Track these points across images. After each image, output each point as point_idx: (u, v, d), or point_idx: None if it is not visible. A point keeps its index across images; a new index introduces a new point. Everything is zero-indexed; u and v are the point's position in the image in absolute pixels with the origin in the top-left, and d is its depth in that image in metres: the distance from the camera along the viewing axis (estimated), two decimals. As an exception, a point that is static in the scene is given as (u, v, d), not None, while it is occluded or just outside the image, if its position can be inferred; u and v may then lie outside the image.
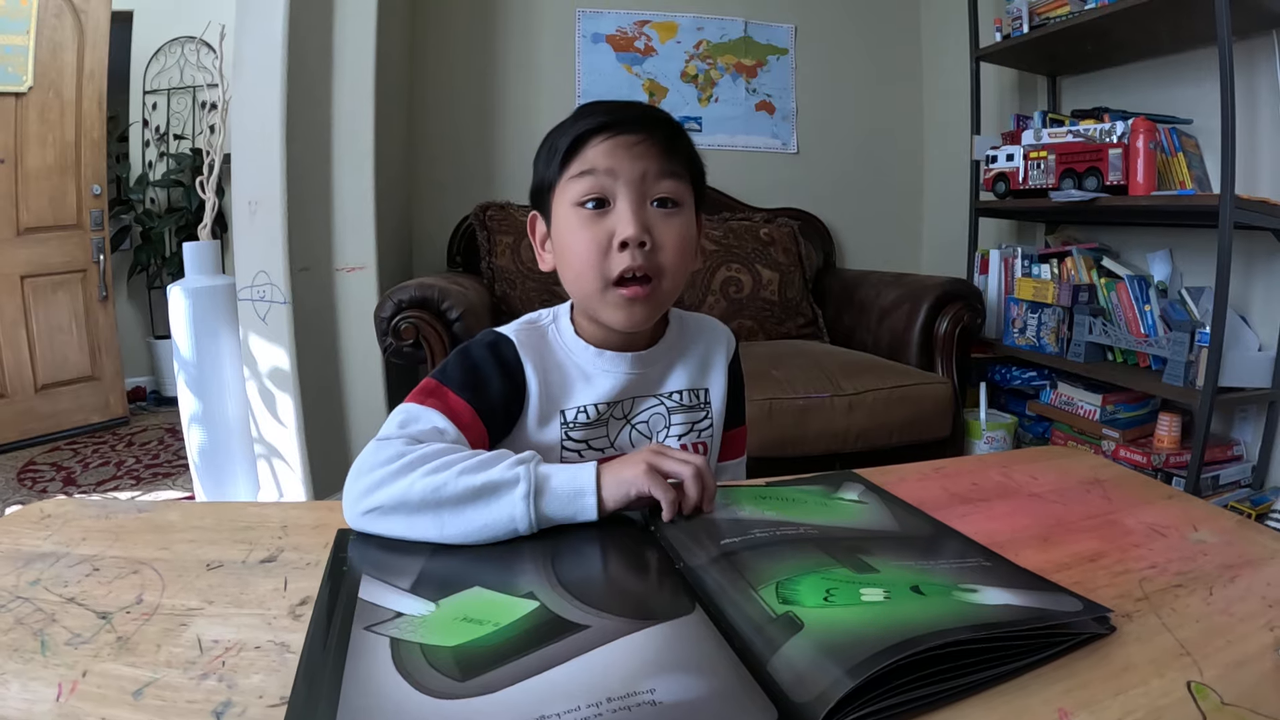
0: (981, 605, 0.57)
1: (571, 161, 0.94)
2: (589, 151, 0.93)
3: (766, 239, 3.38)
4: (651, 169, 0.93)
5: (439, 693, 0.50)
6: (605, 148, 0.92)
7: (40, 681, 0.52)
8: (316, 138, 2.64)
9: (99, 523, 0.79)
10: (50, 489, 3.22)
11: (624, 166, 0.92)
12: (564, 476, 0.76)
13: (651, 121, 0.95)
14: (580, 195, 0.93)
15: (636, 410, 1.04)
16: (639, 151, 0.93)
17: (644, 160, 0.93)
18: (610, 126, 0.93)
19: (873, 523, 0.77)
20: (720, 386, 1.11)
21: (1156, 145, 2.56)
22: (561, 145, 0.95)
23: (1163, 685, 0.51)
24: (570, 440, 0.99)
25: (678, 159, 0.96)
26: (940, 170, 4.00)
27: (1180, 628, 0.58)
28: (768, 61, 3.84)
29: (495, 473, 0.74)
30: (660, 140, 0.94)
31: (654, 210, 0.94)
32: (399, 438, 0.81)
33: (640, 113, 0.95)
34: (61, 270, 3.93)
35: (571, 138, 0.94)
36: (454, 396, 0.90)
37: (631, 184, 0.92)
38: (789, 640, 0.52)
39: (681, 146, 0.97)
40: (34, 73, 3.70)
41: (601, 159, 0.92)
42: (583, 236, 0.93)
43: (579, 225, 0.93)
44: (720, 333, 1.16)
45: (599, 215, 0.93)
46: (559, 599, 0.61)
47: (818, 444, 2.43)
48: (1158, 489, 0.90)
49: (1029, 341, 3.06)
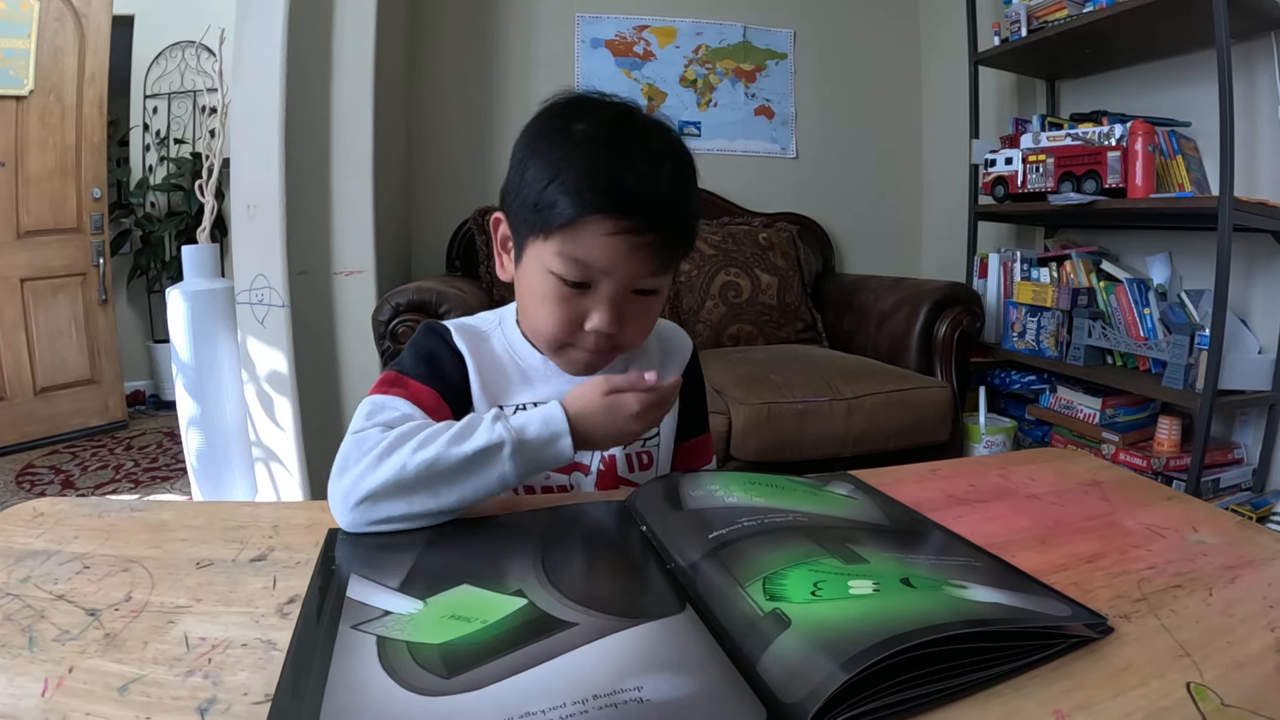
0: (973, 602, 0.56)
1: (563, 235, 0.85)
2: (586, 238, 0.84)
3: (765, 244, 3.38)
4: (646, 269, 0.87)
5: (424, 690, 0.49)
6: (606, 243, 0.84)
7: (26, 677, 0.52)
8: (315, 142, 2.64)
9: (91, 521, 0.78)
10: (49, 492, 3.22)
11: (619, 265, 0.86)
12: (537, 424, 0.78)
13: (665, 218, 0.86)
14: (561, 272, 0.86)
15: None
16: (642, 256, 0.86)
17: (641, 263, 0.86)
18: (619, 219, 0.83)
19: (862, 515, 0.76)
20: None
21: (1155, 148, 2.57)
22: (558, 210, 0.84)
23: (1162, 686, 0.51)
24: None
25: (678, 252, 0.91)
26: (939, 174, 4.00)
27: (1180, 629, 0.58)
28: (767, 66, 3.85)
29: (480, 437, 0.75)
30: (667, 240, 0.87)
31: (632, 298, 0.90)
32: (372, 427, 0.80)
33: (658, 204, 0.85)
34: (61, 273, 3.94)
35: (571, 216, 0.84)
36: (415, 383, 0.90)
37: (620, 281, 0.87)
38: (776, 639, 0.51)
39: (685, 241, 0.91)
40: (35, 76, 3.70)
41: (597, 254, 0.85)
42: (553, 310, 0.89)
43: (550, 294, 0.88)
44: (677, 340, 1.14)
45: (575, 294, 0.88)
46: (547, 596, 0.61)
47: (816, 448, 2.43)
48: (1157, 490, 0.90)
49: (1028, 345, 3.06)
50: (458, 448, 0.74)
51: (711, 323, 3.18)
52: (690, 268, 3.24)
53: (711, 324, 3.18)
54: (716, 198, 3.70)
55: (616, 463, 1.00)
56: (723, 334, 3.19)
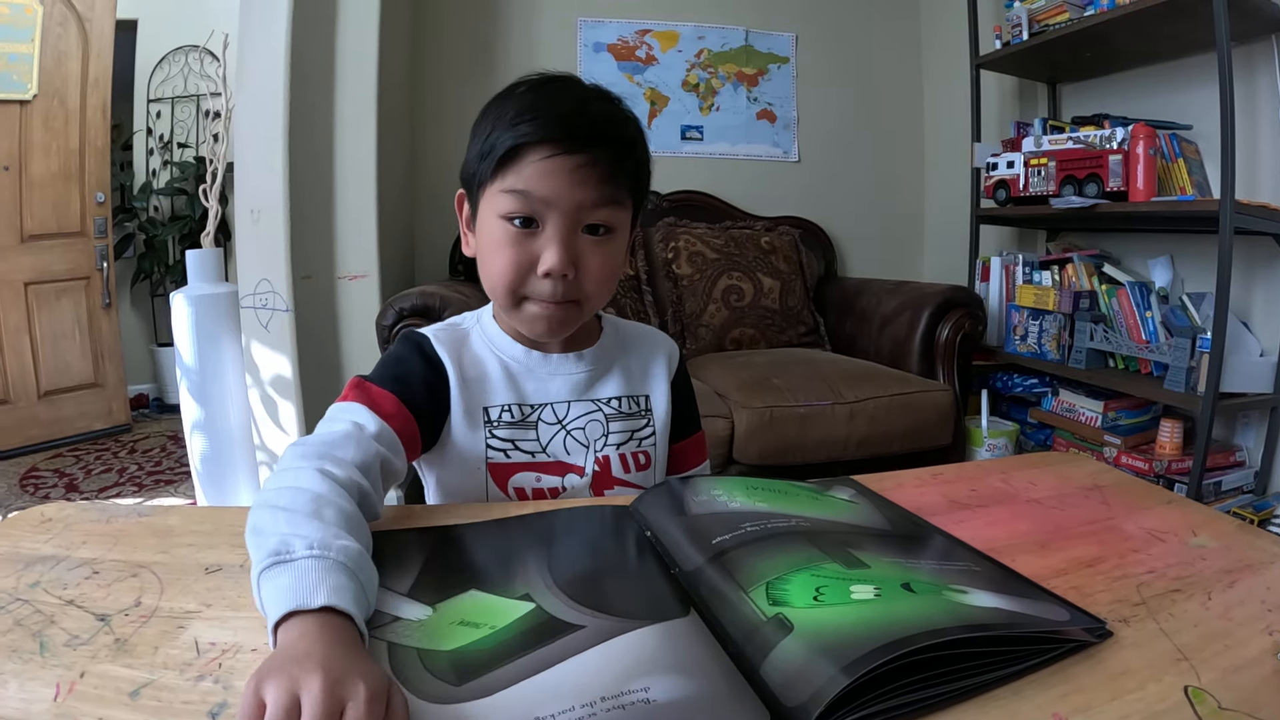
0: (973, 607, 0.56)
1: (505, 172, 0.87)
2: (526, 168, 0.85)
3: (768, 247, 3.38)
4: (590, 197, 0.86)
5: (435, 698, 0.50)
6: (544, 167, 0.85)
7: (38, 682, 0.52)
8: (319, 146, 2.65)
9: (99, 526, 0.78)
10: (53, 495, 3.22)
11: (561, 193, 0.85)
12: (270, 594, 0.56)
13: (602, 136, 0.87)
14: (508, 211, 0.87)
15: (572, 416, 0.99)
16: (581, 177, 0.85)
17: (584, 188, 0.86)
18: (553, 142, 0.84)
19: (863, 520, 0.77)
20: (662, 394, 1.07)
21: (1156, 151, 2.57)
22: (497, 148, 0.86)
23: (1160, 690, 0.51)
24: (495, 439, 0.95)
25: (622, 181, 0.89)
26: (941, 178, 4.01)
27: (1178, 633, 0.58)
28: (769, 70, 3.86)
29: (260, 560, 0.59)
30: (606, 162, 0.86)
31: (584, 238, 0.89)
32: (301, 457, 0.74)
33: (591, 124, 0.87)
34: (65, 277, 3.94)
35: (509, 145, 0.85)
36: (376, 389, 0.89)
37: (565, 213, 0.86)
38: (779, 643, 0.51)
39: (628, 166, 0.90)
40: (39, 81, 3.71)
41: (537, 182, 0.85)
42: (504, 254, 0.88)
43: (502, 240, 0.88)
44: (661, 342, 1.12)
45: (525, 235, 0.87)
46: (555, 600, 0.61)
47: (819, 452, 2.43)
48: (1157, 494, 0.90)
49: (1030, 348, 3.06)
50: (254, 538, 0.63)
51: (714, 326, 3.18)
52: (693, 271, 3.24)
53: (714, 328, 3.18)
54: (719, 201, 3.71)
55: (611, 463, 1.00)
56: (725, 338, 3.18)
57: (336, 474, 0.72)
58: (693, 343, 3.19)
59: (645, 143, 0.94)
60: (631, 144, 0.91)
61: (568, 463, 0.97)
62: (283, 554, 0.58)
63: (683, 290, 3.24)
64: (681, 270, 3.25)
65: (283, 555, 0.57)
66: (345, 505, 0.68)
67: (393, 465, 0.84)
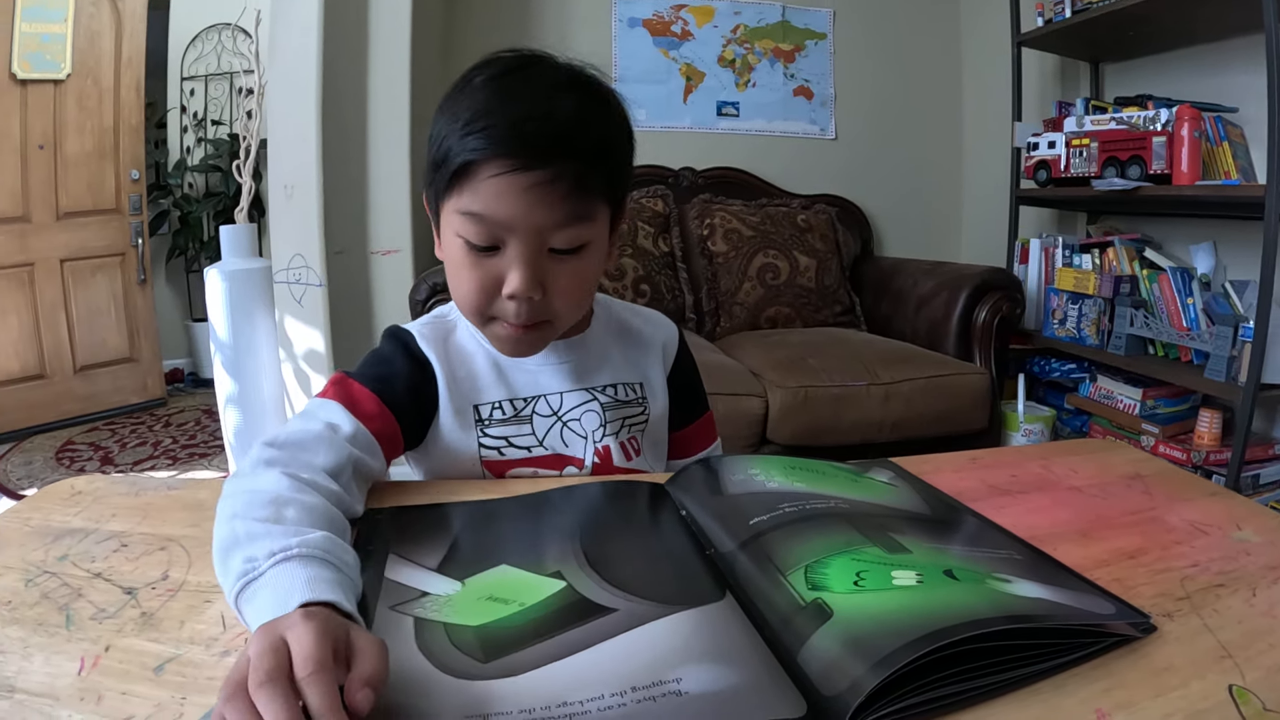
0: (1017, 596, 0.55)
1: (458, 189, 0.78)
2: (479, 185, 0.76)
3: (804, 225, 3.36)
4: (553, 218, 0.77)
5: (461, 673, 0.49)
6: (498, 186, 0.75)
7: (63, 655, 0.52)
8: (352, 122, 2.65)
9: (128, 500, 0.78)
10: (88, 468, 3.26)
11: (518, 216, 0.76)
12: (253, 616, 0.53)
13: (564, 147, 0.76)
14: (465, 233, 0.78)
15: (567, 407, 0.94)
16: (539, 196, 0.75)
17: (544, 208, 0.76)
18: (506, 158, 0.74)
19: (903, 503, 0.75)
20: (658, 380, 1.03)
21: (1201, 134, 2.52)
22: (448, 162, 0.77)
23: (1203, 688, 0.49)
24: (488, 436, 0.91)
25: (592, 194, 0.79)
26: (980, 157, 3.95)
27: (1222, 629, 0.56)
28: (806, 46, 3.82)
29: (234, 568, 0.56)
30: (570, 176, 0.76)
31: (551, 258, 0.80)
32: (267, 464, 0.70)
33: (551, 133, 0.75)
34: (100, 254, 3.98)
35: (459, 163, 0.76)
36: (358, 386, 0.85)
37: (525, 236, 0.77)
38: (818, 630, 0.50)
39: (597, 177, 0.79)
40: (72, 60, 3.73)
41: (493, 203, 0.75)
42: (466, 276, 0.81)
43: (463, 260, 0.80)
44: (657, 327, 1.07)
45: (486, 257, 0.79)
46: (586, 579, 0.60)
47: (853, 433, 2.42)
48: (1200, 485, 0.87)
49: (1069, 333, 3.01)
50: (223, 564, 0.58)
51: (749, 305, 3.18)
52: (728, 248, 3.23)
53: (749, 306, 3.18)
54: (755, 178, 3.69)
55: (611, 453, 0.95)
56: (760, 316, 3.18)
57: (303, 476, 0.68)
58: (727, 320, 3.19)
59: (624, 136, 0.85)
60: (603, 149, 0.80)
61: (566, 455, 0.93)
62: (250, 572, 0.54)
63: (718, 267, 3.23)
64: (717, 247, 3.25)
65: (250, 574, 0.54)
66: (309, 499, 0.65)
67: (368, 466, 0.80)
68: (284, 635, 0.45)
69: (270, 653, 0.44)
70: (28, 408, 3.73)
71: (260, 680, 0.42)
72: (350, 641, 0.47)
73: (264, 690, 0.42)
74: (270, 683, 0.42)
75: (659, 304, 3.03)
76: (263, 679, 0.42)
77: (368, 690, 0.44)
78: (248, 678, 0.43)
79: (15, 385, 3.68)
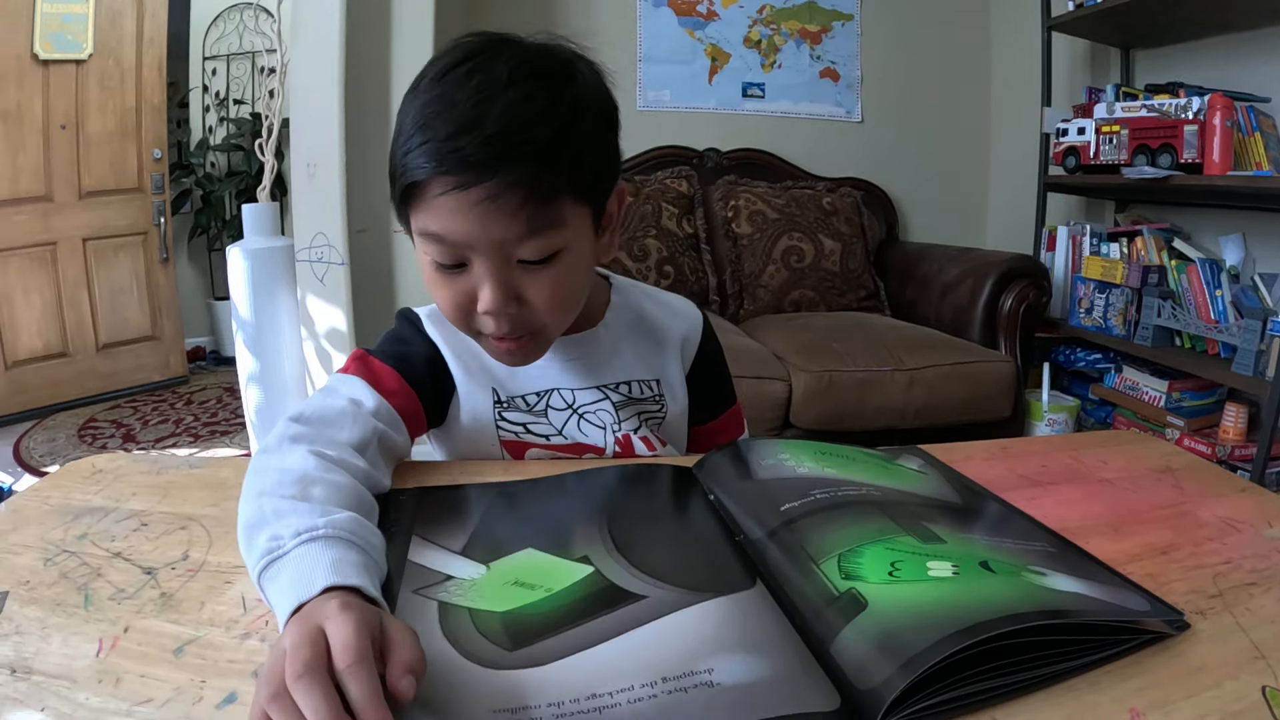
0: (1053, 591, 0.53)
1: (413, 208, 0.73)
2: (433, 205, 0.70)
3: (829, 208, 3.35)
4: (510, 233, 0.71)
5: (487, 662, 0.48)
6: (445, 206, 0.70)
7: (81, 636, 0.51)
8: (375, 100, 2.65)
9: (149, 478, 0.78)
10: (110, 445, 3.29)
11: (473, 234, 0.70)
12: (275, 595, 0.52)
13: (504, 155, 0.68)
14: (429, 253, 0.74)
15: (581, 401, 0.91)
16: (487, 212, 0.69)
17: (497, 224, 0.70)
18: (448, 174, 0.68)
19: (933, 492, 0.73)
20: (675, 377, 0.98)
21: (1233, 124, 2.49)
22: (398, 186, 0.73)
23: (1236, 689, 0.48)
24: (505, 421, 0.89)
25: (552, 200, 0.72)
26: (1007, 143, 3.91)
27: (1255, 628, 0.55)
28: (832, 28, 3.79)
29: (259, 545, 0.55)
30: (519, 187, 0.69)
31: (522, 268, 0.74)
32: (293, 440, 0.69)
33: (486, 142, 0.68)
34: (123, 233, 4.01)
35: (404, 184, 0.72)
36: (378, 363, 0.84)
37: (489, 252, 0.72)
38: (852, 621, 0.49)
39: (555, 181, 0.71)
40: (94, 40, 3.75)
41: (446, 222, 0.70)
42: (440, 293, 0.77)
43: (435, 279, 0.77)
44: (680, 318, 1.01)
45: (456, 274, 0.75)
46: (614, 565, 0.59)
47: (877, 419, 2.42)
48: (1231, 481, 0.86)
49: (1095, 322, 2.98)
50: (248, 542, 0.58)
51: (773, 287, 3.18)
52: (753, 230, 3.22)
53: (773, 289, 3.18)
54: (780, 160, 3.69)
55: (633, 444, 0.92)
56: (784, 299, 3.18)
57: (329, 454, 0.67)
58: (751, 303, 3.19)
59: (587, 120, 0.76)
60: (555, 147, 0.71)
61: (586, 444, 0.91)
62: (275, 550, 0.54)
63: (742, 250, 3.23)
64: (741, 229, 3.24)
65: (275, 551, 0.54)
66: (336, 478, 0.64)
67: (393, 441, 0.79)
68: (321, 625, 0.45)
69: (308, 644, 0.43)
70: (51, 385, 3.76)
71: (298, 672, 0.41)
72: (384, 629, 0.46)
73: (302, 683, 0.41)
74: (309, 675, 0.41)
75: (682, 286, 3.03)
76: (300, 671, 0.41)
77: (410, 678, 0.43)
78: (284, 670, 0.42)
79: (38, 363, 3.72)
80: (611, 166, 0.81)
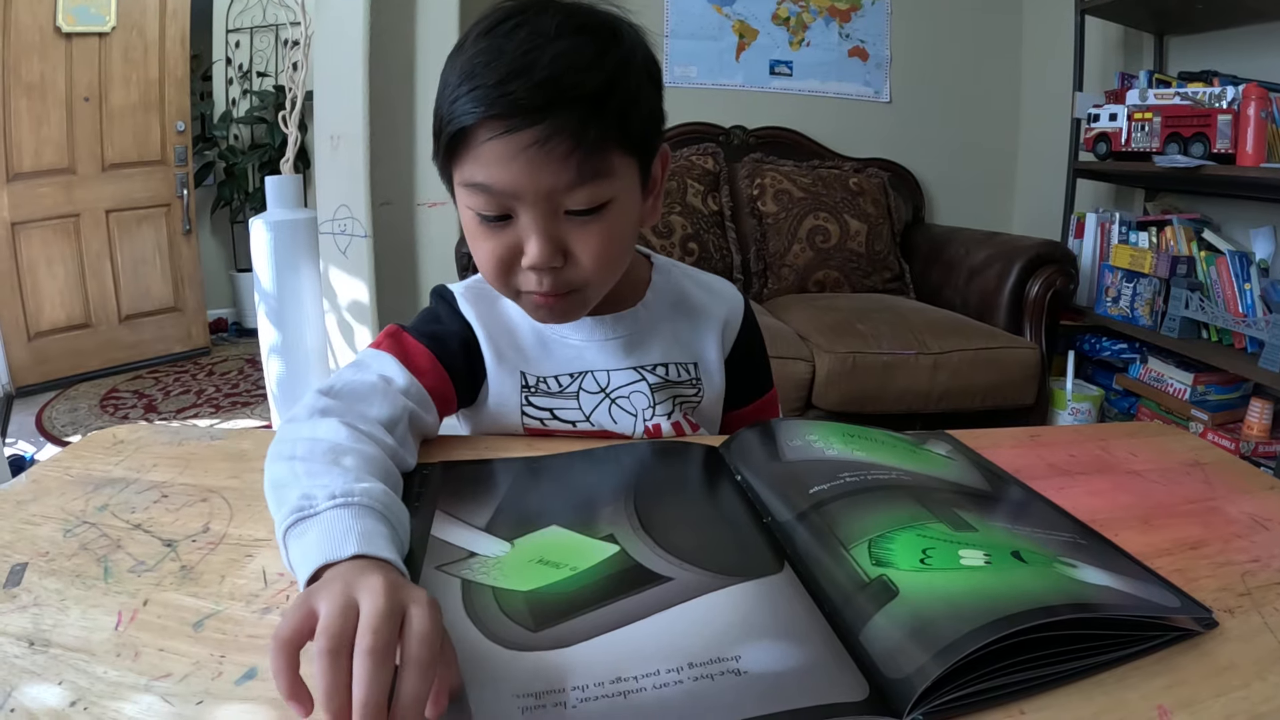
0: (1084, 584, 0.52)
1: (459, 158, 0.73)
2: (477, 153, 0.70)
3: (856, 189, 3.32)
4: (560, 181, 0.70)
5: (511, 643, 0.47)
6: (493, 152, 0.69)
7: (100, 609, 0.51)
8: (399, 73, 2.64)
9: (171, 449, 0.77)
10: (132, 416, 3.32)
11: (521, 182, 0.70)
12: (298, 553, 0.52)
13: (555, 99, 0.68)
14: (473, 206, 0.74)
15: (615, 384, 0.89)
16: (537, 158, 0.69)
17: (546, 171, 0.70)
18: (494, 120, 0.68)
19: (962, 478, 0.72)
20: (714, 361, 0.96)
21: (1268, 115, 2.44)
22: (444, 130, 0.73)
23: (1264, 690, 0.47)
24: (531, 406, 0.88)
25: (599, 147, 0.72)
26: (1037, 127, 3.85)
27: (1283, 629, 0.54)
28: (862, 6, 3.74)
29: (288, 504, 0.55)
30: (568, 133, 0.68)
31: (569, 220, 0.74)
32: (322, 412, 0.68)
33: (538, 87, 0.68)
34: (146, 205, 4.03)
35: (452, 131, 0.71)
36: (412, 341, 0.83)
37: (536, 201, 0.71)
38: (883, 609, 0.48)
39: (600, 127, 0.71)
40: (117, 13, 3.76)
41: (494, 171, 0.70)
42: (483, 248, 0.76)
43: (477, 233, 0.76)
44: (721, 300, 1.00)
45: (500, 227, 0.74)
46: (640, 545, 0.58)
47: (900, 402, 2.42)
48: (1259, 478, 0.84)
49: (1122, 312, 2.95)
50: (277, 497, 0.58)
51: (797, 267, 3.16)
52: (778, 209, 3.20)
53: (797, 269, 3.16)
54: (806, 139, 3.66)
55: (662, 432, 0.90)
56: (808, 279, 3.16)
57: (360, 428, 0.67)
58: (775, 282, 3.17)
59: (634, 74, 0.76)
60: (603, 94, 0.71)
61: (614, 432, 0.89)
62: (305, 509, 0.53)
63: (767, 228, 3.22)
64: (766, 208, 3.22)
65: (306, 510, 0.53)
66: (367, 449, 0.64)
67: (422, 420, 0.78)
68: (356, 597, 0.43)
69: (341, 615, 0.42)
70: (73, 355, 3.80)
71: (369, 645, 0.40)
72: (407, 609, 0.44)
73: (373, 657, 0.40)
74: (378, 649, 0.40)
75: (706, 264, 3.01)
76: (371, 645, 0.40)
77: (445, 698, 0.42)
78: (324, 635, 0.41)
79: (61, 334, 3.75)
80: (657, 124, 0.81)
